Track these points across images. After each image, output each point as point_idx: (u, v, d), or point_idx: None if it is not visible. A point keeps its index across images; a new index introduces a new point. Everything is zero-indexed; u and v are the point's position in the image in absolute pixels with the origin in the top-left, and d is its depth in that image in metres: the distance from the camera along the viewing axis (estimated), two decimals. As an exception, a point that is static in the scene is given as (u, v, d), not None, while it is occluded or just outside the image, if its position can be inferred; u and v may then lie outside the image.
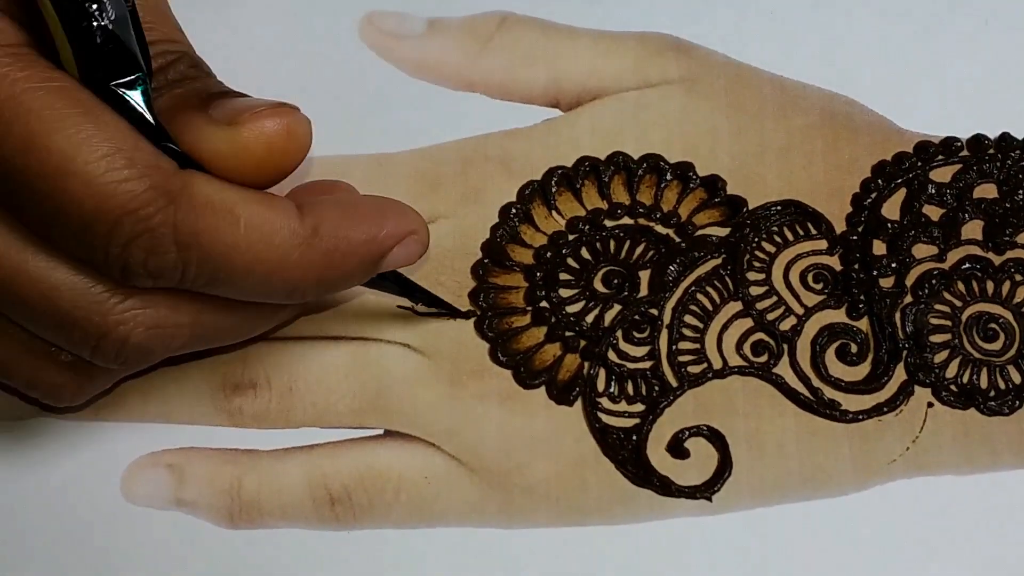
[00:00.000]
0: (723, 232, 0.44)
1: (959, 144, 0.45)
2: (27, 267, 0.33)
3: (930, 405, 0.41)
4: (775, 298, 0.43)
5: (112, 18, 0.32)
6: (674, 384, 0.42)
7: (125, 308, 0.34)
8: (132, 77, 0.32)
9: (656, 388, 0.42)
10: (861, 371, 0.42)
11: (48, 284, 0.33)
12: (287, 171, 0.35)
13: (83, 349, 0.34)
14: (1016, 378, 0.42)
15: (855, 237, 0.43)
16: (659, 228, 0.44)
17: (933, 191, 0.44)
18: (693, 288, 0.43)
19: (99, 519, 0.40)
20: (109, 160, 0.31)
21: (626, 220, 0.44)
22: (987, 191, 0.44)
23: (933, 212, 0.44)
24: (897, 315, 0.42)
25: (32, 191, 0.31)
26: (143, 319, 0.34)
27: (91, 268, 0.33)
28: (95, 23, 0.31)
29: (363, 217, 0.36)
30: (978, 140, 0.45)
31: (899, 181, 0.44)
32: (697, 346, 0.42)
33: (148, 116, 0.33)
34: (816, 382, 0.42)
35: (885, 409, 0.41)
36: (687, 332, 0.42)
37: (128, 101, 0.32)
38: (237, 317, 0.36)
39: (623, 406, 0.42)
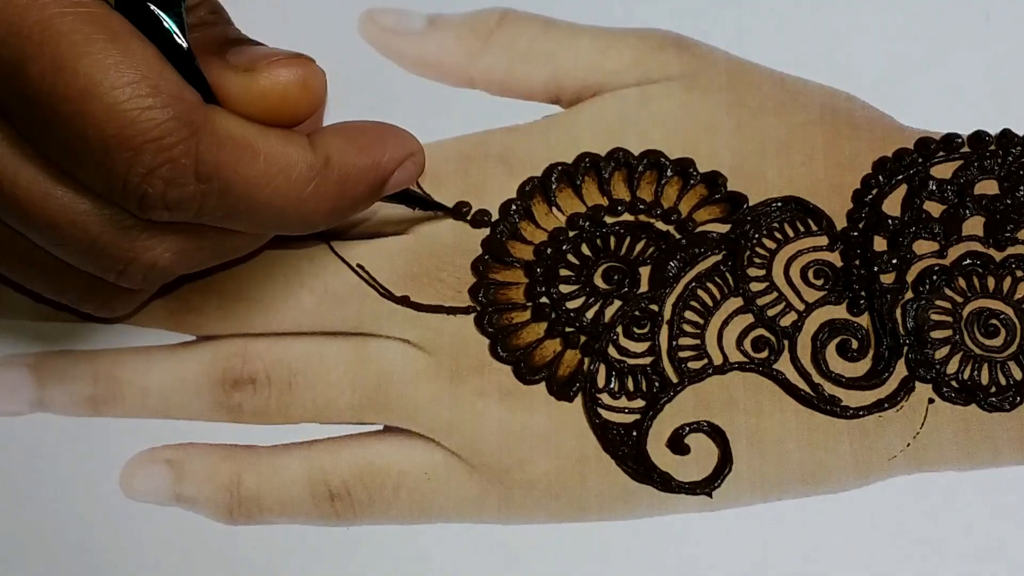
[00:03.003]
0: (723, 228, 0.43)
1: (960, 140, 0.45)
2: (55, 194, 0.33)
3: (931, 401, 0.41)
4: (776, 294, 0.43)
5: None
6: (674, 380, 0.42)
7: (151, 235, 0.35)
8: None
9: (656, 384, 0.42)
10: (862, 367, 0.42)
11: (75, 212, 0.34)
12: (299, 120, 0.35)
13: (109, 274, 0.35)
14: (1017, 374, 0.42)
15: (856, 233, 0.43)
16: (659, 224, 0.44)
17: (934, 187, 0.44)
18: (693, 284, 0.43)
19: (98, 515, 0.40)
20: (134, 87, 0.31)
21: (626, 216, 0.44)
22: (988, 187, 0.44)
23: (934, 208, 0.44)
24: (898, 311, 0.42)
25: (57, 115, 0.31)
26: (170, 244, 0.35)
27: (111, 200, 0.33)
28: None
29: (367, 144, 0.37)
30: (979, 136, 0.44)
31: (900, 177, 0.44)
32: (697, 342, 0.42)
33: (180, 40, 0.33)
34: (817, 378, 0.42)
35: (886, 405, 0.41)
36: (687, 328, 0.42)
37: (163, 23, 0.32)
38: (250, 238, 0.37)
39: (623, 402, 0.41)
